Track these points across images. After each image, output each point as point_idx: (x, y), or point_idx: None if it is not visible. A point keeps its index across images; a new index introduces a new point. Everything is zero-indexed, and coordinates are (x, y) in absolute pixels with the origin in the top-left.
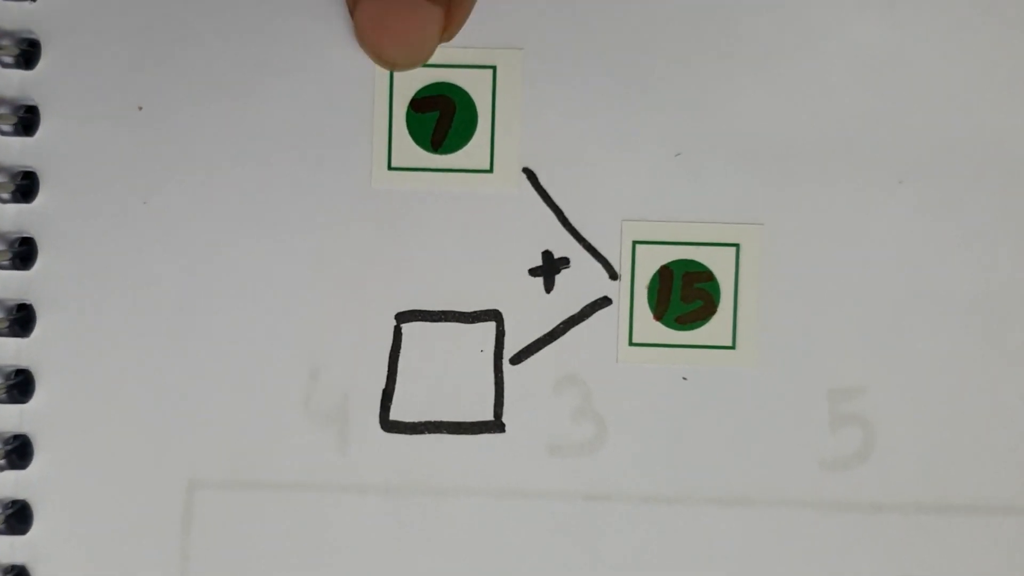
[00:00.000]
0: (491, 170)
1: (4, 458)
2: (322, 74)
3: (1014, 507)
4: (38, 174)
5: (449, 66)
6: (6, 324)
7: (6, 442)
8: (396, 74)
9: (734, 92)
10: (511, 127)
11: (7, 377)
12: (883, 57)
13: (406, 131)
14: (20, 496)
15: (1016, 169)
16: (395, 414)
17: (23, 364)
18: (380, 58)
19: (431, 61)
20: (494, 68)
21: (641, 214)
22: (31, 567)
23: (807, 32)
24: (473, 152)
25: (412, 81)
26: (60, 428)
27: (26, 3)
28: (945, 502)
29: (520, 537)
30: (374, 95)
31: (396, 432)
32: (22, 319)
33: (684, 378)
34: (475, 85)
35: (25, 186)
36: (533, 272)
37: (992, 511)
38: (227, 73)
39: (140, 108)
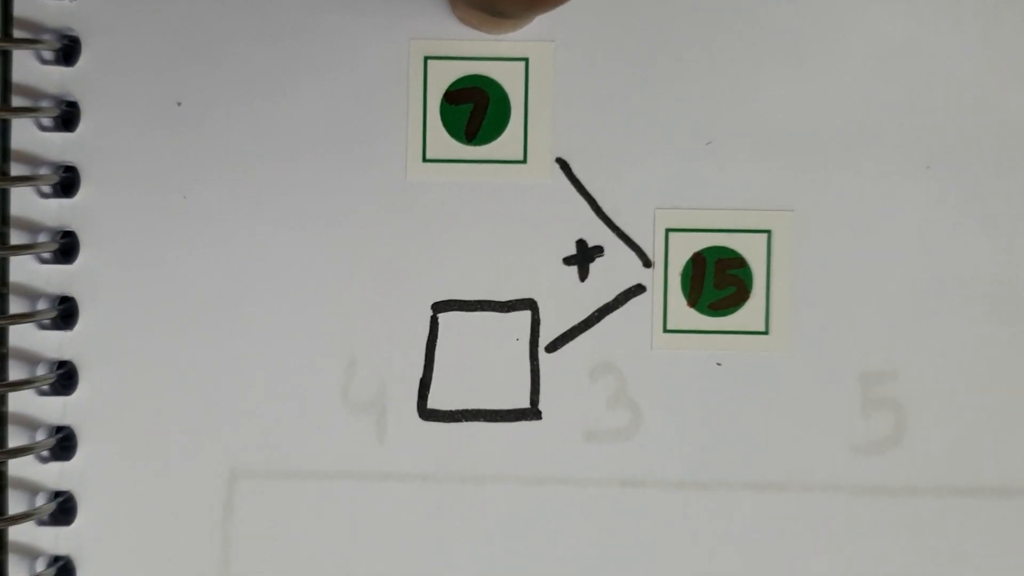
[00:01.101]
0: (525, 161)
1: (48, 450)
2: (357, 69)
3: None
4: (79, 169)
5: (482, 59)
6: (49, 318)
7: (50, 434)
8: (430, 67)
9: (763, 81)
10: (544, 118)
11: (51, 370)
12: (909, 46)
13: (440, 123)
14: (64, 488)
15: None
16: (432, 403)
17: (66, 357)
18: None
19: (464, 54)
20: (526, 60)
21: (673, 202)
22: (76, 557)
23: (834, 22)
24: (507, 143)
25: (446, 73)
26: (103, 420)
27: (66, 1)
28: (978, 484)
29: (557, 523)
30: (408, 88)
31: (433, 420)
32: (65, 312)
33: (718, 364)
34: (508, 77)
35: (67, 181)
36: (567, 261)
37: (1021, 493)
38: (264, 69)
39: (179, 104)
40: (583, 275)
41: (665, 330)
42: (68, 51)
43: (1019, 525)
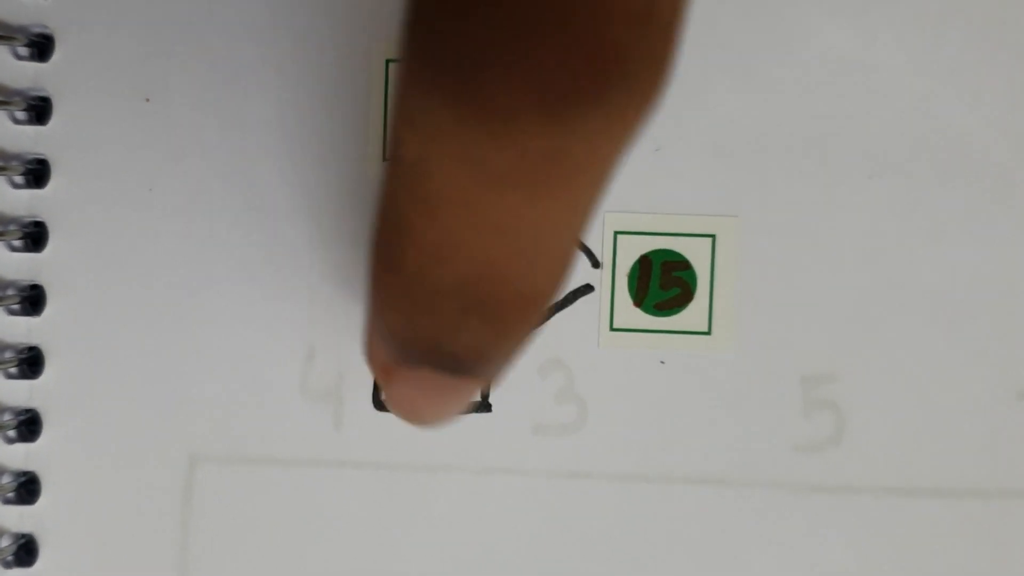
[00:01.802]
0: None
1: (15, 430)
2: (320, 69)
3: (979, 490)
4: (50, 161)
5: None
6: (18, 304)
7: (17, 416)
8: (391, 70)
9: (711, 92)
10: None
11: (19, 354)
12: (854, 60)
13: None
14: (29, 468)
15: (978, 166)
16: None
17: (34, 342)
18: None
19: None
20: None
21: (622, 206)
22: (39, 536)
23: (781, 36)
24: None
25: None
26: (68, 404)
27: (42, 0)
28: (915, 485)
29: (505, 512)
30: (369, 90)
31: (388, 411)
32: (33, 299)
33: (662, 362)
34: None
35: (37, 172)
36: None
37: (958, 494)
38: (230, 69)
39: (147, 100)
40: None
41: (612, 329)
42: (42, 48)
43: (952, 524)
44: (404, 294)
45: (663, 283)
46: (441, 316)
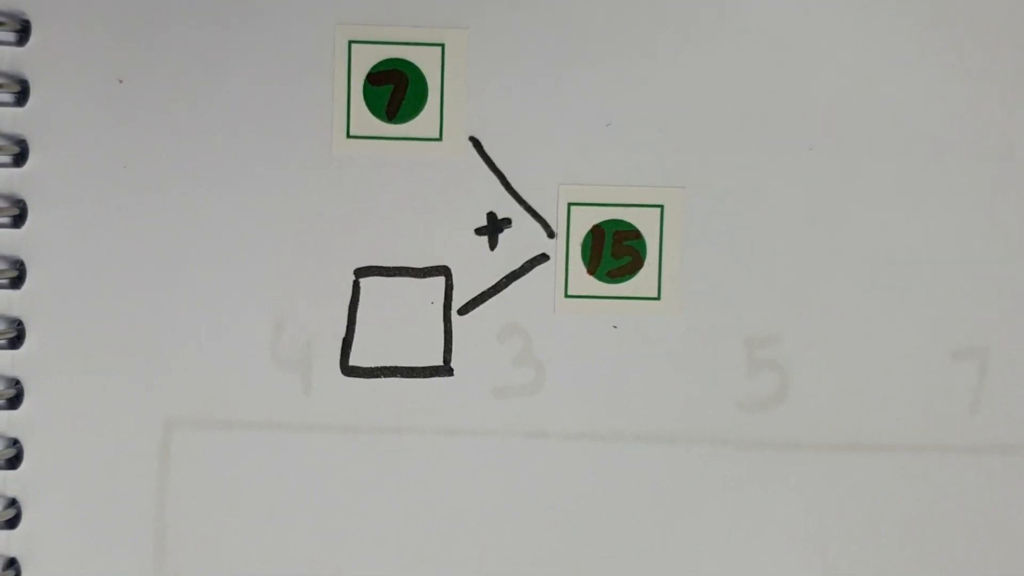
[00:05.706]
0: (440, 138)
1: None
2: (286, 51)
3: (916, 445)
4: (28, 141)
5: (402, 43)
6: (2, 278)
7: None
8: (353, 50)
9: (658, 69)
10: (458, 99)
11: (7, 324)
12: (793, 36)
13: (363, 102)
14: (12, 435)
15: (911, 138)
16: (354, 360)
17: (15, 314)
18: None
19: (386, 39)
20: (443, 46)
21: (575, 178)
22: (22, 500)
23: (724, 14)
24: (424, 122)
25: (368, 56)
26: (49, 372)
27: None
28: (855, 441)
29: (467, 471)
30: (334, 70)
31: (355, 376)
32: (15, 273)
33: (614, 327)
34: (425, 61)
35: (17, 153)
36: (479, 231)
37: (897, 449)
38: (200, 51)
39: (120, 81)
40: (493, 244)
41: (566, 295)
42: (20, 33)
43: (891, 479)
44: None
45: (615, 251)
46: None
